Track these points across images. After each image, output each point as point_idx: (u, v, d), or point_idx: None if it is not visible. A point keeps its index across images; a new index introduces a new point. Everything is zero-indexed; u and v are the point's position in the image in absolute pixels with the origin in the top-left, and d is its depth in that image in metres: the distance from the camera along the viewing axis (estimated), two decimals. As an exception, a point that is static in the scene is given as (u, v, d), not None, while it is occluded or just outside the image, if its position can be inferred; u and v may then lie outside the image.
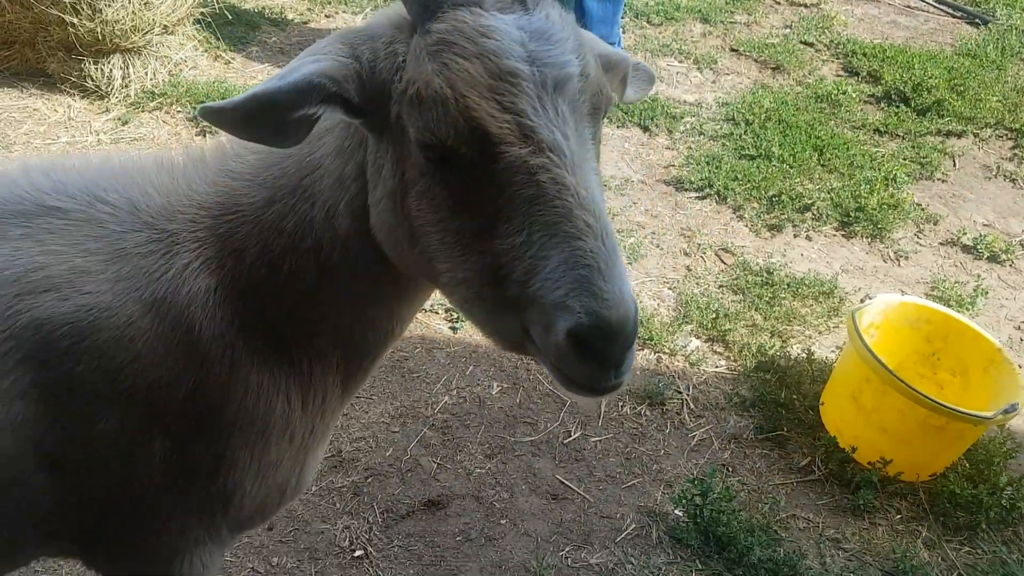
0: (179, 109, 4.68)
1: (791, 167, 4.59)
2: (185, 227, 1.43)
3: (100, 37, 4.53)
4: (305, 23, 5.80)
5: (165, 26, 4.81)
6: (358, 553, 2.68)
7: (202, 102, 4.64)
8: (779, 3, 6.77)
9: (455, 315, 3.56)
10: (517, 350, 1.28)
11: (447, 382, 3.31)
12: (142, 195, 1.45)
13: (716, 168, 4.55)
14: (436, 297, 3.62)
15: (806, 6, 6.71)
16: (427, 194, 1.23)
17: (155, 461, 1.45)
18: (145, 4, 4.60)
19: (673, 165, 4.66)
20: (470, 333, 3.50)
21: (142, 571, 1.67)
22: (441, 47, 1.17)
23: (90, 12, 4.46)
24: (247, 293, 1.44)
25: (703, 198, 4.43)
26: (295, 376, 1.51)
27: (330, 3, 6.00)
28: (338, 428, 3.06)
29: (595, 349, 1.11)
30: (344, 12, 5.93)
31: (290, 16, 5.83)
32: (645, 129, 4.94)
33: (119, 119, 4.57)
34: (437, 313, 3.59)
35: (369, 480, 2.91)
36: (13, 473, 1.38)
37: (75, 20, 4.45)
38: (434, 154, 1.19)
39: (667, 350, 3.51)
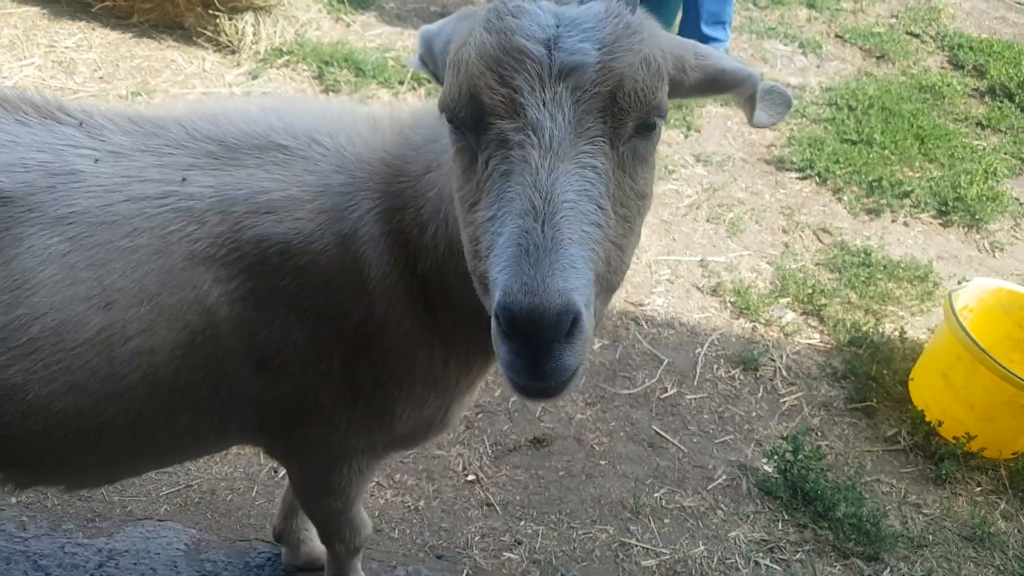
0: (304, 67, 4.96)
1: (892, 154, 4.67)
2: (371, 178, 1.61)
3: (237, -5, 4.85)
4: (419, -9, 6.03)
5: (295, -14, 5.11)
6: (470, 477, 2.93)
7: (326, 62, 4.94)
8: (886, -8, 6.76)
9: (560, 273, 3.78)
10: None
11: (551, 334, 3.53)
12: (348, 142, 1.64)
13: (818, 150, 4.65)
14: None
15: (914, -4, 6.69)
16: (453, 161, 1.32)
17: (333, 374, 1.68)
18: (280, -35, 4.90)
19: (775, 145, 4.78)
20: (573, 291, 3.71)
21: (312, 466, 1.95)
22: (482, 20, 1.24)
23: (230, -29, 4.77)
24: (406, 247, 1.59)
25: (804, 179, 4.54)
26: (439, 333, 1.67)
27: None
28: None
29: (510, 333, 1.09)
30: (456, -18, 6.15)
31: (405, -16, 6.07)
32: (748, 109, 5.05)
33: (249, 73, 4.87)
34: (543, 271, 3.81)
35: (480, 416, 3.16)
36: (229, 367, 1.62)
37: (216, -22, 4.77)
38: (450, 119, 1.27)
39: (763, 320, 3.67)
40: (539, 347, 1.10)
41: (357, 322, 1.63)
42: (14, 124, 1.58)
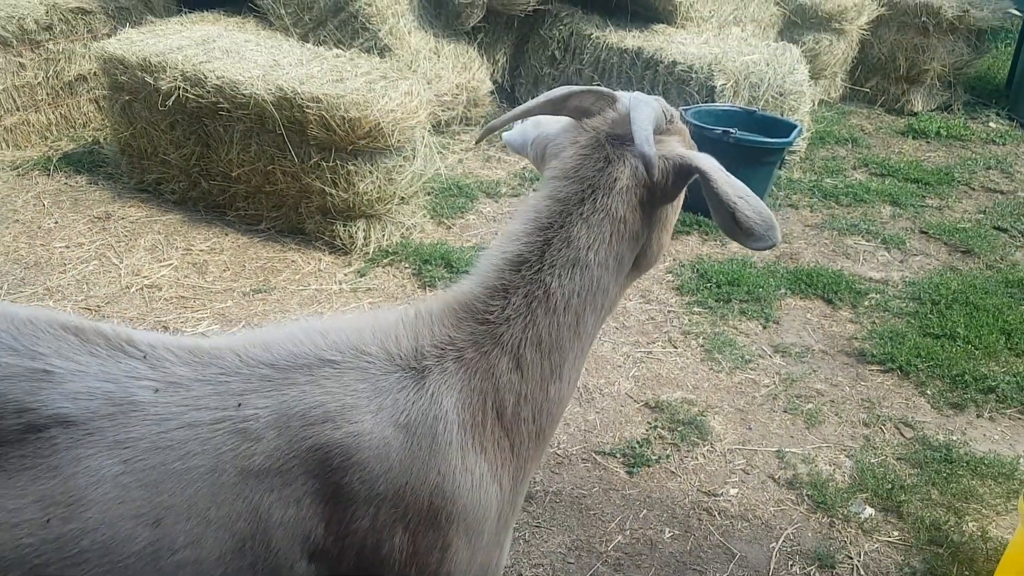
0: (406, 266, 5.44)
1: (976, 349, 4.64)
2: (433, 362, 1.81)
3: (351, 205, 5.44)
4: (516, 196, 6.57)
5: (402, 197, 5.69)
6: (532, 667, 2.95)
7: (425, 261, 5.39)
8: (973, 189, 6.88)
9: (632, 460, 3.87)
10: None
11: (621, 522, 3.58)
12: (395, 344, 1.84)
13: (899, 344, 4.68)
14: (615, 442, 3.96)
15: (1002, 192, 6.77)
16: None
17: (394, 553, 1.77)
18: (389, 180, 5.49)
19: (856, 337, 4.84)
20: (645, 479, 3.79)
21: None
22: None
23: (346, 185, 5.39)
24: (485, 400, 1.80)
25: (885, 372, 4.56)
26: (512, 460, 1.83)
27: (538, 179, 6.75)
28: (518, 553, 3.40)
29: None
30: (551, 187, 6.65)
31: (503, 190, 6.62)
32: (828, 302, 5.17)
33: (358, 272, 5.38)
34: (615, 457, 3.91)
35: (546, 604, 3.20)
36: (282, 561, 1.73)
37: (333, 191, 5.39)
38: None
39: (840, 516, 3.62)
40: None
41: (427, 495, 1.75)
42: (86, 355, 1.73)
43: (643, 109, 1.74)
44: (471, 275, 1.92)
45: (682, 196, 1.95)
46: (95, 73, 7.03)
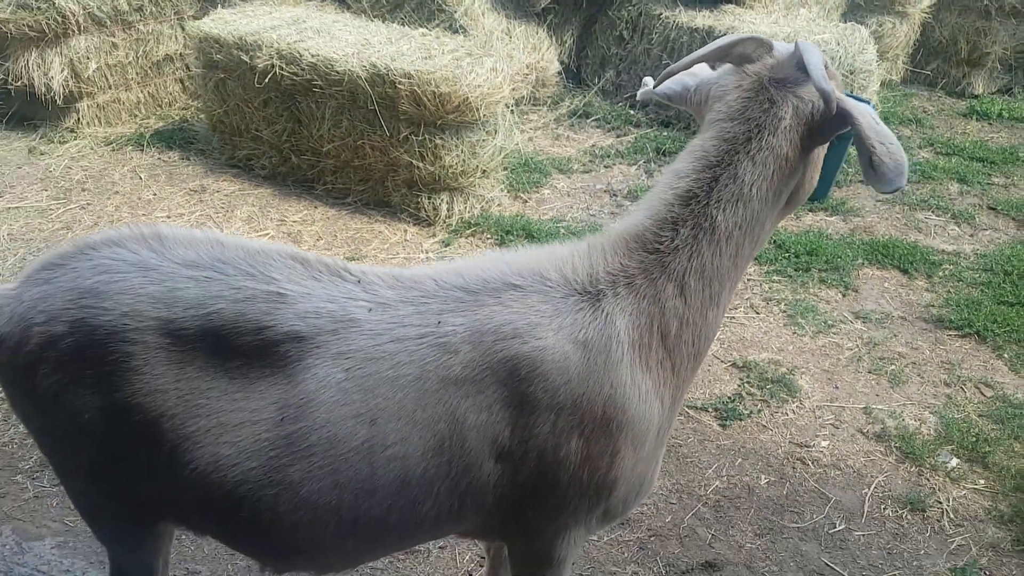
0: (488, 236, 5.66)
1: (1053, 315, 4.78)
2: (607, 287, 2.01)
3: (437, 178, 5.68)
4: (587, 172, 6.76)
5: (484, 171, 5.91)
6: (647, 594, 3.17)
7: (507, 231, 5.61)
8: (1040, 167, 6.96)
9: (724, 414, 4.06)
10: None
11: (718, 469, 3.79)
12: (572, 271, 2.04)
13: (975, 311, 4.82)
14: (707, 398, 4.16)
15: (1069, 170, 6.85)
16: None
17: (570, 456, 1.98)
18: (473, 154, 5.72)
19: (933, 305, 4.99)
20: (737, 431, 3.98)
21: (535, 543, 2.18)
22: None
23: (432, 158, 5.62)
24: (652, 323, 2.00)
25: (963, 336, 4.71)
26: (672, 378, 2.04)
27: (608, 157, 6.95)
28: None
29: None
30: (620, 164, 6.86)
31: (575, 166, 6.82)
32: (904, 272, 5.32)
33: (442, 242, 5.61)
34: (707, 411, 4.11)
35: (652, 539, 3.41)
36: (471, 462, 1.96)
37: (420, 164, 5.63)
38: None
39: (928, 465, 3.79)
40: None
41: (600, 405, 1.95)
42: (311, 280, 1.99)
43: (814, 52, 1.92)
44: (640, 209, 2.11)
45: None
46: (181, 54, 7.34)
